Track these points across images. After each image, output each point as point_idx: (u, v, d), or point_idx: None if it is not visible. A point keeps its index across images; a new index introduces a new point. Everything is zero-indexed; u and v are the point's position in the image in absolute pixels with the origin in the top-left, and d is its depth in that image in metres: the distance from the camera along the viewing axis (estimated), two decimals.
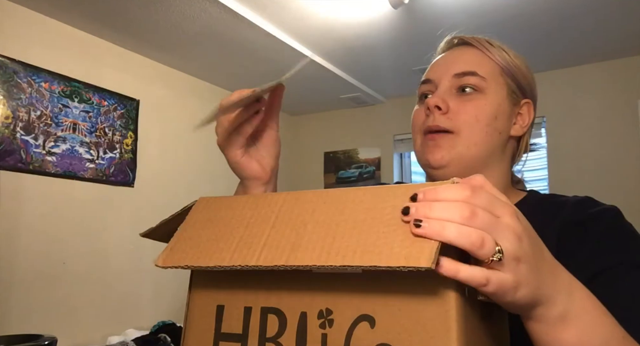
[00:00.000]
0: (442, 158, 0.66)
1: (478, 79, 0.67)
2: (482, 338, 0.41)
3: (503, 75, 0.69)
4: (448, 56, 0.72)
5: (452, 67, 0.69)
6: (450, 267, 0.35)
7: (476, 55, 0.70)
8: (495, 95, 0.67)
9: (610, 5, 2.21)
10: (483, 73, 0.67)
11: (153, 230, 0.54)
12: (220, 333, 0.46)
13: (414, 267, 0.33)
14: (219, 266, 0.42)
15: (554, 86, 3.02)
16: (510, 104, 0.69)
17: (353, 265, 0.35)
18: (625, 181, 2.72)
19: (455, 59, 0.71)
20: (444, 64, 0.71)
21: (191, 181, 3.00)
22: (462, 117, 0.66)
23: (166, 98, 2.89)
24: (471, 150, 0.66)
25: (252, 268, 0.40)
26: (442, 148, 0.66)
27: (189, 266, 0.44)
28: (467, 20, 2.34)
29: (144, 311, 2.64)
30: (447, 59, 0.72)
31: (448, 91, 0.68)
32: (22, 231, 2.13)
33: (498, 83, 0.68)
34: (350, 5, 2.22)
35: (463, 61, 0.69)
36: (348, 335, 0.39)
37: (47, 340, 1.41)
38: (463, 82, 0.67)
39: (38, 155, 2.21)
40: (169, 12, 2.24)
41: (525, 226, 0.39)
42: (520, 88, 0.71)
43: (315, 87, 3.25)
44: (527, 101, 0.72)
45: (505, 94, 0.69)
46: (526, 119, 0.72)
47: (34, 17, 2.23)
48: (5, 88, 2.10)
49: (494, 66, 0.69)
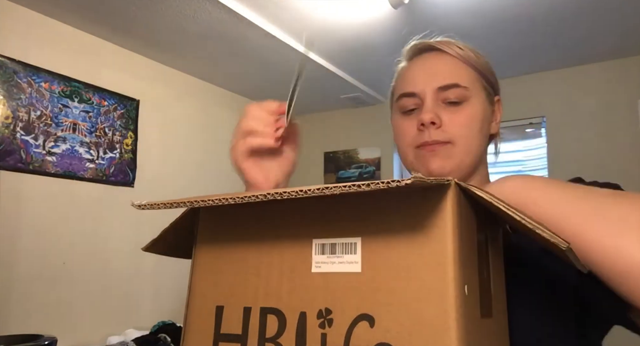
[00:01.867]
0: (444, 167, 0.67)
1: (462, 90, 0.68)
2: (482, 337, 0.41)
3: (479, 79, 0.70)
4: (424, 66, 0.72)
5: (433, 80, 0.69)
6: None
7: (452, 64, 0.70)
8: (478, 100, 0.69)
9: (609, 6, 2.21)
10: (464, 83, 0.68)
11: (154, 243, 0.54)
12: (220, 333, 0.46)
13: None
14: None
15: (554, 86, 3.02)
16: (489, 105, 0.72)
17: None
18: (625, 181, 2.71)
19: (432, 70, 0.70)
20: (423, 76, 0.70)
21: (191, 181, 3.00)
22: (456, 129, 0.67)
23: (166, 98, 2.89)
24: (468, 158, 0.68)
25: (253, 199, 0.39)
26: (442, 157, 0.67)
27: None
28: (467, 20, 2.35)
29: (144, 311, 2.64)
30: (425, 70, 0.71)
31: (435, 104, 0.69)
32: (22, 231, 2.13)
33: (477, 87, 0.70)
34: (351, 5, 2.22)
35: (442, 72, 0.69)
36: (348, 335, 0.39)
37: (47, 340, 1.41)
38: (448, 95, 0.68)
39: (38, 155, 2.21)
40: (169, 12, 2.24)
41: None
42: (492, 86, 0.73)
43: (315, 87, 3.25)
44: (498, 97, 0.74)
45: (485, 97, 0.71)
46: (498, 115, 0.74)
47: (34, 17, 2.23)
48: (5, 88, 2.10)
49: (470, 71, 0.70)
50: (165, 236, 0.54)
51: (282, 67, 2.91)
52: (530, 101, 3.11)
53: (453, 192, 0.39)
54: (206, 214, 0.51)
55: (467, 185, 0.40)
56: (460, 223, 0.39)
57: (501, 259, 0.52)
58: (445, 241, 0.38)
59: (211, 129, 3.21)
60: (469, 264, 0.41)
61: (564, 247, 0.37)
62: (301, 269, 0.43)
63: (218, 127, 3.26)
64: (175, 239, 0.55)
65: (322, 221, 0.44)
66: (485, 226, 0.47)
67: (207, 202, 0.42)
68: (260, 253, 0.46)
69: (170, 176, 2.88)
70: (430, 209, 0.39)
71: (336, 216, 0.43)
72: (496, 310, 0.46)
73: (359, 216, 0.42)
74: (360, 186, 0.34)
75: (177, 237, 0.55)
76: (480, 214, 0.46)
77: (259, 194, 0.39)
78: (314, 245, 0.43)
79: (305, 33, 2.40)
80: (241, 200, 0.40)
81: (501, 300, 0.50)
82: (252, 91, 3.40)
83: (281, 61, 2.81)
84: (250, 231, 0.47)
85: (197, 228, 0.51)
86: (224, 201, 0.41)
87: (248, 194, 0.40)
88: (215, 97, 3.28)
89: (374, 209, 0.42)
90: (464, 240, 0.40)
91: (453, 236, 0.38)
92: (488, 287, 0.46)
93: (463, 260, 0.39)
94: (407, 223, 0.40)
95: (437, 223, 0.39)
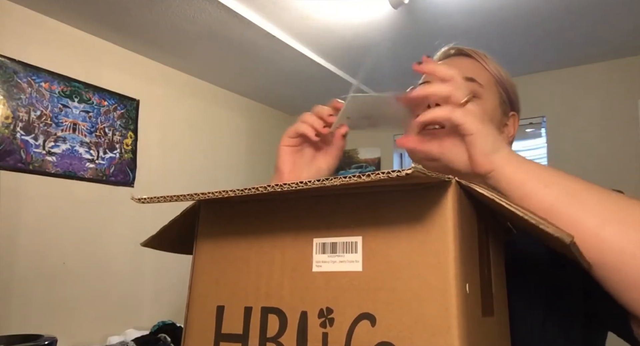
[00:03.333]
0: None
1: (476, 86, 0.70)
2: (483, 336, 0.41)
3: (496, 85, 0.73)
4: (447, 63, 0.75)
5: None
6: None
7: (474, 65, 0.74)
8: (490, 101, 0.71)
9: (610, 5, 2.21)
10: (480, 80, 0.70)
11: (153, 238, 0.54)
12: (221, 333, 0.46)
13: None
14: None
15: (554, 86, 3.02)
16: (501, 113, 0.73)
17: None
18: (626, 181, 2.72)
19: (454, 65, 0.73)
20: None
21: (191, 181, 3.00)
22: None
23: (166, 98, 2.89)
24: None
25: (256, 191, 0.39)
26: None
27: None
28: (467, 20, 2.34)
29: (144, 311, 2.64)
30: (447, 65, 0.74)
31: None
32: (22, 231, 2.13)
33: (493, 91, 0.72)
34: (350, 5, 2.22)
35: (462, 68, 0.72)
36: (349, 334, 0.39)
37: (47, 340, 1.41)
38: None
39: (38, 155, 2.21)
40: (169, 12, 2.24)
41: None
42: (509, 100, 0.75)
43: (315, 87, 3.25)
44: (513, 113, 0.76)
45: (498, 103, 0.72)
46: (512, 130, 0.76)
47: (34, 17, 2.23)
48: (5, 88, 2.10)
49: (489, 76, 0.73)
50: (164, 233, 0.54)
51: (282, 67, 2.91)
52: (530, 101, 3.10)
53: (454, 190, 0.39)
54: (207, 213, 0.51)
55: (467, 183, 0.40)
56: (461, 221, 0.39)
57: (502, 258, 0.52)
58: (447, 240, 0.38)
59: (211, 129, 3.21)
60: (470, 262, 0.41)
61: (567, 241, 0.37)
62: (302, 268, 0.43)
63: (218, 127, 3.26)
64: (176, 235, 0.55)
65: (323, 220, 0.44)
66: (486, 224, 0.47)
67: (207, 195, 0.42)
68: (261, 252, 0.46)
69: (170, 176, 2.88)
70: (431, 207, 0.39)
71: (337, 215, 0.43)
72: (497, 308, 0.46)
73: (359, 215, 0.42)
74: (361, 176, 0.35)
75: (177, 233, 0.55)
76: (481, 212, 0.46)
77: (259, 187, 0.39)
78: (315, 244, 0.43)
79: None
80: (241, 192, 0.40)
81: (502, 298, 0.50)
82: (252, 91, 3.40)
83: (281, 60, 2.81)
84: (251, 231, 0.47)
85: (198, 227, 0.51)
86: (224, 193, 0.41)
87: (248, 187, 0.40)
88: (215, 97, 3.27)
89: (374, 208, 0.42)
90: (465, 239, 0.40)
91: (454, 234, 0.38)
92: (489, 286, 0.45)
93: (464, 259, 0.39)
94: (408, 222, 0.40)
95: (438, 222, 0.39)
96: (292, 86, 3.27)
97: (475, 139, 0.49)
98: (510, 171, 0.49)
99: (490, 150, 0.50)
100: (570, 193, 0.46)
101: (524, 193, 0.47)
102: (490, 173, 0.50)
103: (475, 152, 0.50)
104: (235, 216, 0.49)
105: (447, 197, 0.39)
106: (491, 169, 0.50)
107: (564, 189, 0.46)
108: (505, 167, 0.49)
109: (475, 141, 0.49)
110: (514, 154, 0.51)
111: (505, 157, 0.50)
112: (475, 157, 0.50)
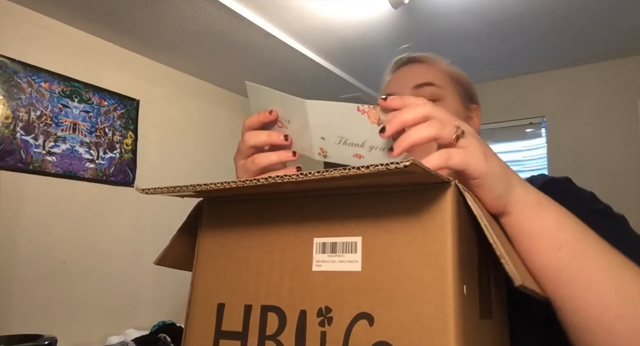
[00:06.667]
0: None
1: (436, 88, 0.71)
2: (481, 337, 0.41)
3: (453, 83, 0.75)
4: (402, 73, 0.77)
5: (409, 81, 0.73)
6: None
7: (427, 69, 0.75)
8: (452, 100, 0.72)
9: (609, 5, 2.21)
10: (438, 83, 0.72)
11: (164, 254, 0.54)
12: (221, 331, 0.46)
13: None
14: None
15: (554, 86, 3.02)
16: (464, 110, 0.74)
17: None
18: (625, 181, 2.72)
19: (410, 73, 0.76)
20: (401, 79, 0.76)
21: (191, 181, 2.99)
22: None
23: (166, 98, 2.90)
24: None
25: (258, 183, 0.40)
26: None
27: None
28: (467, 20, 2.35)
29: (144, 311, 2.64)
30: (403, 75, 0.77)
31: None
32: (22, 231, 2.13)
33: (451, 90, 0.74)
34: (350, 5, 2.22)
35: (418, 74, 0.74)
36: (347, 333, 0.39)
37: (47, 340, 1.41)
38: (424, 93, 0.71)
39: (38, 155, 2.21)
40: (169, 12, 2.24)
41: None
42: (468, 94, 0.76)
43: (315, 87, 3.25)
44: (475, 105, 0.78)
45: (459, 100, 0.74)
46: (477, 123, 0.77)
47: (34, 17, 2.23)
48: (5, 88, 2.10)
49: (444, 76, 0.74)
50: (174, 246, 0.54)
51: (282, 67, 2.92)
52: (530, 101, 3.11)
53: (453, 192, 0.39)
54: (209, 212, 0.52)
55: (464, 189, 0.40)
56: (460, 223, 0.39)
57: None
58: (445, 241, 0.38)
59: (211, 129, 3.21)
60: (469, 264, 0.41)
61: (516, 284, 0.38)
62: (302, 267, 0.43)
63: (218, 127, 3.26)
64: (185, 249, 0.55)
65: (323, 220, 0.44)
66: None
67: (209, 186, 0.42)
68: (262, 251, 0.46)
69: (170, 175, 2.88)
70: (430, 209, 0.40)
71: (337, 215, 0.43)
72: (496, 311, 0.46)
73: (359, 215, 0.42)
74: (360, 168, 0.35)
75: (186, 247, 0.54)
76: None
77: (260, 178, 0.40)
78: (315, 244, 0.43)
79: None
80: (242, 184, 0.40)
81: (501, 301, 0.50)
82: None
83: (281, 61, 2.81)
84: (252, 230, 0.48)
85: (201, 225, 0.52)
86: (226, 184, 0.41)
87: (250, 178, 0.40)
88: (215, 97, 3.28)
89: (374, 209, 0.42)
90: (464, 240, 0.40)
91: (453, 236, 0.38)
92: (488, 288, 0.46)
93: (462, 260, 0.39)
94: (407, 223, 0.40)
95: (437, 223, 0.39)
96: (292, 86, 3.27)
97: (483, 182, 0.43)
98: (525, 221, 0.45)
99: (502, 192, 0.44)
100: (584, 264, 0.44)
101: (534, 250, 0.45)
102: (503, 216, 0.46)
103: (485, 196, 0.44)
104: (237, 215, 0.49)
105: (446, 198, 0.39)
106: (504, 211, 0.45)
107: (578, 257, 0.44)
108: (520, 215, 0.45)
109: (484, 184, 0.43)
110: (529, 193, 0.46)
111: (519, 201, 0.45)
112: (485, 200, 0.45)
